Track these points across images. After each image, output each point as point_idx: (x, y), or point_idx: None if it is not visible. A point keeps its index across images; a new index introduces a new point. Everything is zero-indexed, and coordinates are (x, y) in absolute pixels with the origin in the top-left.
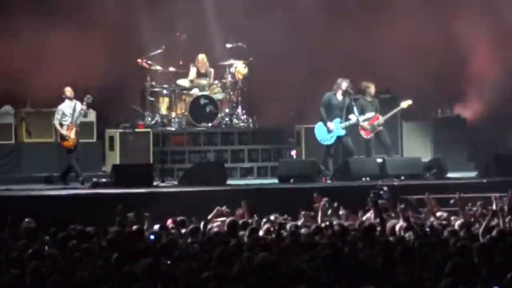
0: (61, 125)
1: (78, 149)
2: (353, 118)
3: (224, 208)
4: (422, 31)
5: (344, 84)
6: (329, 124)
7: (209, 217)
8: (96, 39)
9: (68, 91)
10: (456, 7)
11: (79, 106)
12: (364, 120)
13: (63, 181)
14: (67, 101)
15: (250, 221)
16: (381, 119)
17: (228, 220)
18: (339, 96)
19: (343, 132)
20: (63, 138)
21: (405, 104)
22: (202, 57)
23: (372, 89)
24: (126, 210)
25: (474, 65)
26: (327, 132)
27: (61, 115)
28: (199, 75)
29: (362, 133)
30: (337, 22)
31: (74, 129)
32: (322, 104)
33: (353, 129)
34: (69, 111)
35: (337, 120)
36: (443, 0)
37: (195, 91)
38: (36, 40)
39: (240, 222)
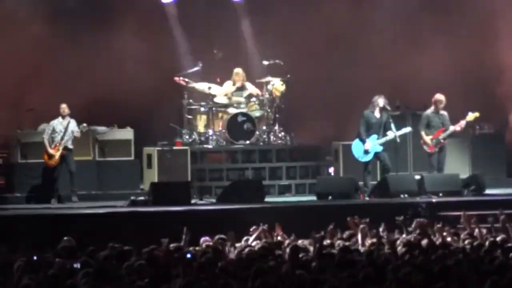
0: (49, 141)
1: (68, 162)
2: (390, 134)
3: (264, 226)
4: (459, 50)
5: (381, 101)
6: (367, 144)
7: (252, 238)
8: (134, 56)
9: (62, 108)
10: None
11: (72, 125)
12: (427, 134)
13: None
14: (59, 118)
15: (288, 240)
16: (447, 132)
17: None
18: (377, 114)
19: (380, 148)
20: (49, 155)
21: (471, 116)
22: (238, 70)
23: (443, 103)
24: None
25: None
26: (364, 149)
27: (52, 131)
28: (236, 88)
29: (425, 147)
30: (373, 38)
31: (61, 150)
32: (362, 123)
33: (390, 145)
34: (60, 128)
35: (374, 136)
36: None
37: (233, 109)
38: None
39: (278, 239)
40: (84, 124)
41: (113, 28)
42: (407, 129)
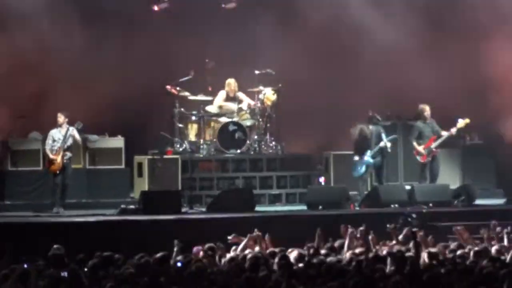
0: (50, 150)
1: (67, 172)
2: (381, 144)
3: (256, 233)
4: (450, 61)
5: (375, 115)
6: (359, 167)
7: (241, 245)
8: (125, 65)
9: (58, 117)
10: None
11: (71, 132)
12: (420, 144)
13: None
14: (57, 127)
15: (277, 249)
16: (438, 140)
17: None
18: (371, 127)
19: (371, 161)
20: (50, 162)
21: (462, 123)
22: (230, 81)
23: (427, 111)
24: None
25: (505, 91)
26: (356, 164)
27: (52, 140)
28: (228, 99)
29: (419, 157)
30: (366, 49)
31: (62, 153)
32: (355, 139)
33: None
34: (58, 136)
35: (367, 152)
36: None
37: (224, 118)
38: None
39: (268, 250)
40: (79, 122)
41: (103, 36)
42: (393, 136)
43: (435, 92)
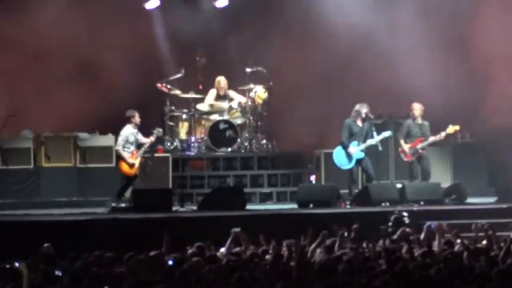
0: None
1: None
2: (371, 140)
3: (236, 229)
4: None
5: (364, 110)
6: (351, 149)
7: (227, 243)
8: (114, 63)
9: (137, 117)
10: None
11: (140, 135)
12: (407, 143)
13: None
14: (130, 128)
15: (268, 247)
16: (425, 142)
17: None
18: (359, 123)
19: (362, 155)
20: (128, 164)
21: (452, 129)
22: (220, 79)
23: (417, 111)
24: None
25: (494, 89)
26: (346, 156)
27: (125, 142)
28: (218, 97)
29: (403, 156)
30: (357, 46)
31: (139, 158)
32: (343, 131)
33: (372, 153)
34: (132, 139)
35: (355, 143)
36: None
37: (215, 116)
38: None
39: (260, 249)
40: (158, 129)
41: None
42: (387, 133)
43: (428, 90)
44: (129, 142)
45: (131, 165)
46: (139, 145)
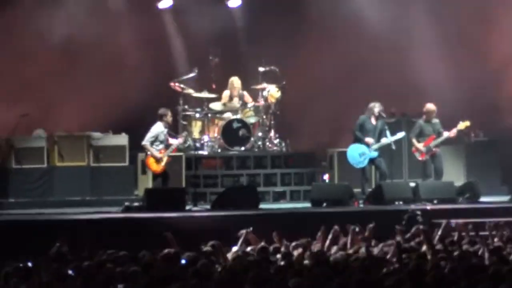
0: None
1: (168, 177)
2: (384, 140)
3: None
4: (457, 57)
5: (376, 109)
6: (367, 139)
7: (239, 243)
8: (128, 62)
9: (170, 116)
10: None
11: (167, 136)
12: (420, 142)
13: None
14: (161, 126)
15: (282, 246)
16: (438, 139)
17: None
18: (373, 121)
19: (375, 154)
20: (156, 160)
21: (462, 125)
22: (233, 79)
23: (429, 110)
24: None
25: (507, 88)
26: (360, 155)
27: (155, 139)
28: (232, 98)
29: (417, 154)
30: (370, 45)
31: (167, 157)
32: (356, 128)
33: (385, 151)
34: (162, 137)
35: (369, 139)
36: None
37: (228, 115)
38: None
39: (272, 247)
40: (186, 133)
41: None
42: (401, 134)
43: (442, 89)
44: (158, 140)
45: (158, 160)
46: (167, 146)
